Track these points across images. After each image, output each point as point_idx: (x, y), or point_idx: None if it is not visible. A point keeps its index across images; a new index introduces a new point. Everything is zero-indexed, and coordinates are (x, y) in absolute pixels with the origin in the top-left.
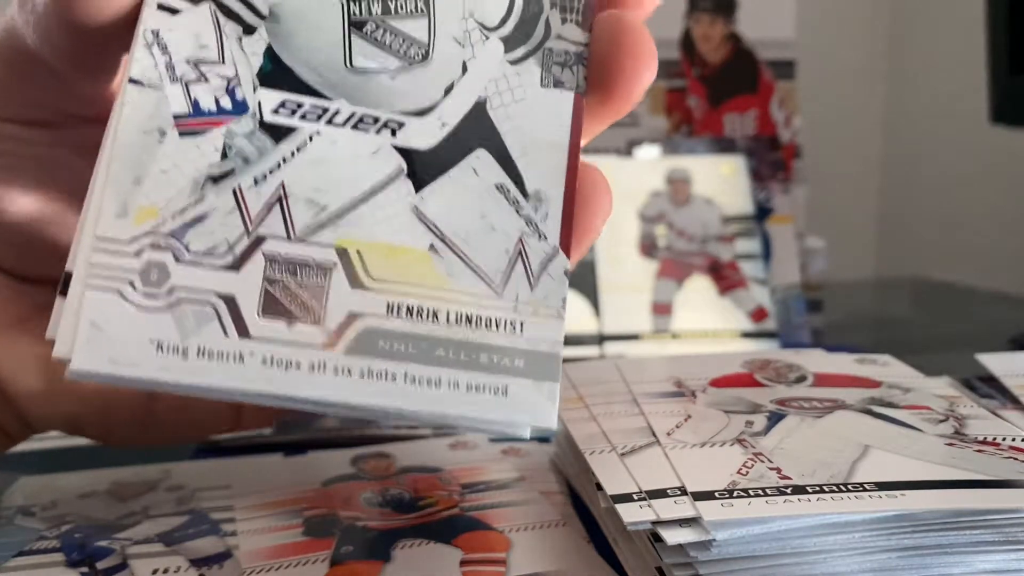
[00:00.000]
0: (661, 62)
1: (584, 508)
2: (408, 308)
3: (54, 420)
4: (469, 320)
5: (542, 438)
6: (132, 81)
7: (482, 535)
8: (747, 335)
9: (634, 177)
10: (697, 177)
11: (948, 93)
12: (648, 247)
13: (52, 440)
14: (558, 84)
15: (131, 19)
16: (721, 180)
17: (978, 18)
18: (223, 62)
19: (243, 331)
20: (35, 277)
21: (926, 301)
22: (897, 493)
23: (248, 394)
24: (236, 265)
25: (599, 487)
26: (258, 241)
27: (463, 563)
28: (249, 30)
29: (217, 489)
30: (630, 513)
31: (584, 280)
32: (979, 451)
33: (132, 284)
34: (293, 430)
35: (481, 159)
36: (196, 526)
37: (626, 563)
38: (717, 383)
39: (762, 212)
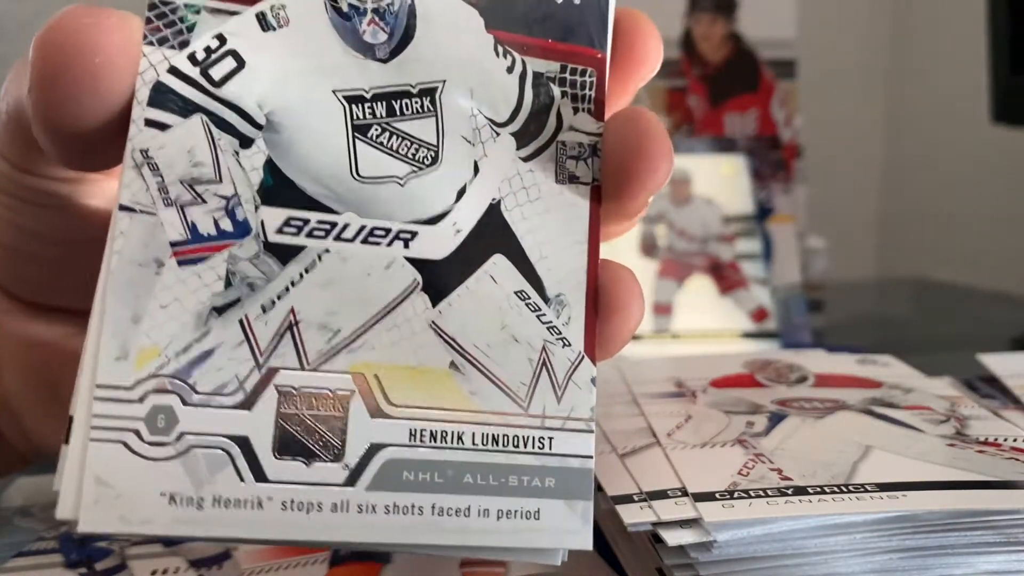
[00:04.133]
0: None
1: None
2: (432, 433)
3: None
4: (495, 440)
5: None
6: (123, 208)
7: None
8: (748, 335)
9: None
10: (697, 177)
11: (949, 93)
12: (648, 247)
13: None
14: (573, 179)
15: (122, 124)
16: (721, 180)
17: (979, 17)
18: (220, 180)
19: (260, 475)
20: (49, 307)
21: (927, 301)
22: (898, 494)
23: (268, 541)
24: (248, 403)
25: (599, 488)
26: (270, 374)
27: (463, 564)
28: (246, 142)
29: None
30: (630, 514)
31: None
32: (980, 452)
33: (138, 433)
34: None
35: (498, 265)
36: None
37: (626, 564)
38: (718, 384)
39: (763, 212)
